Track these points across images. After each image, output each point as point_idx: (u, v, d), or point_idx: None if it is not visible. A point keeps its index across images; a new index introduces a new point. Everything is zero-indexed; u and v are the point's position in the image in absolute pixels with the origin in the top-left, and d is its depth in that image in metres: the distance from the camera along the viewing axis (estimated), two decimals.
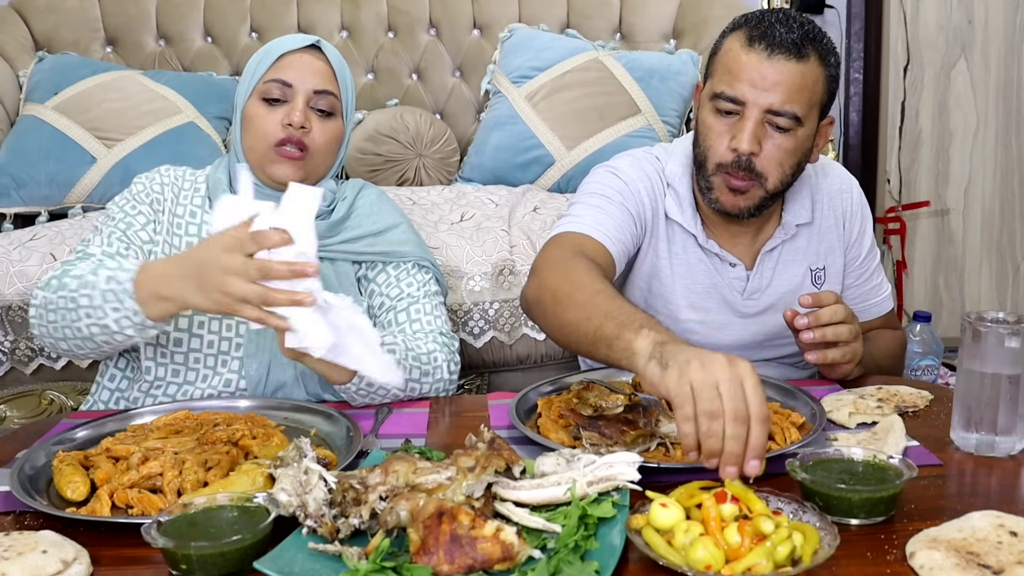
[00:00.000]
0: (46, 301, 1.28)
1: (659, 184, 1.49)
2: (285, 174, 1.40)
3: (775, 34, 1.31)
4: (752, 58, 1.32)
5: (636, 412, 1.13)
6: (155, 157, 2.26)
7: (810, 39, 1.32)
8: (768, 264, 1.49)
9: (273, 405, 1.29)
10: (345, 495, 0.90)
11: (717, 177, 1.38)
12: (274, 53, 1.43)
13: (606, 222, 1.41)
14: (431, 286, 1.49)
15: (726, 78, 1.34)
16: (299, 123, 1.39)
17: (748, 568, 0.79)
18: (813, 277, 1.52)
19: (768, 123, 1.33)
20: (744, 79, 1.32)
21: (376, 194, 1.56)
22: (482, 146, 2.48)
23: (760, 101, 1.32)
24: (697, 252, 1.48)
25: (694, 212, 1.48)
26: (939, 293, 3.38)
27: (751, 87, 1.32)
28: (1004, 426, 1.09)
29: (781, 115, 1.32)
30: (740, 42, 1.34)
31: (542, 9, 2.74)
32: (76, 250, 1.39)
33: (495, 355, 1.98)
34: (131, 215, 1.43)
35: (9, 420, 1.94)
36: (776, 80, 1.31)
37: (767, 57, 1.31)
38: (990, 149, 3.31)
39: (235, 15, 2.74)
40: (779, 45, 1.31)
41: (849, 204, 1.55)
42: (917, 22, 3.21)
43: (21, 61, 2.60)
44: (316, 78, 1.42)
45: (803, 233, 1.51)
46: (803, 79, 1.32)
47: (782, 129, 1.33)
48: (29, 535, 0.89)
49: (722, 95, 1.34)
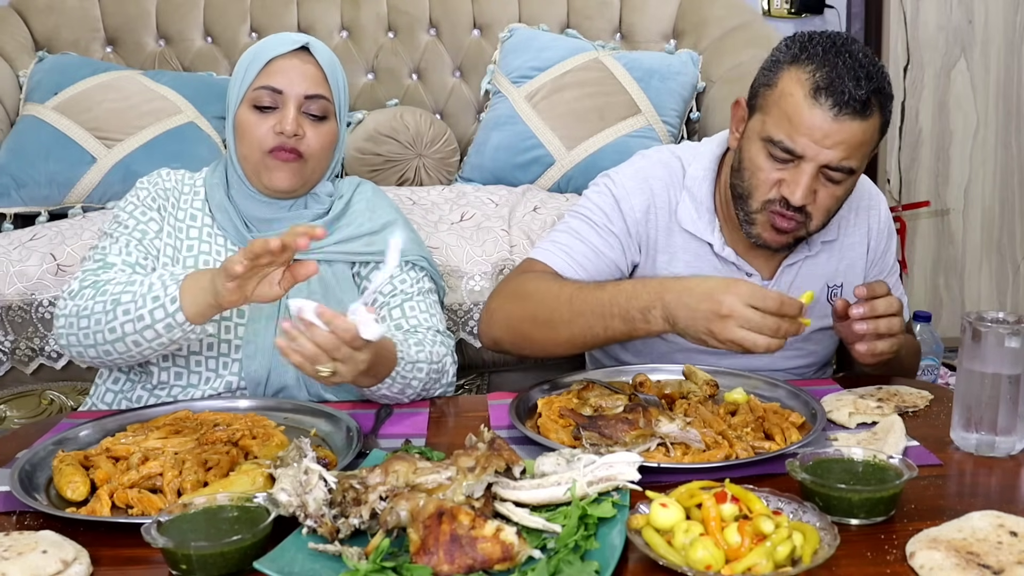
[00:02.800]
0: (78, 309, 1.27)
1: (672, 190, 1.46)
2: (281, 181, 1.39)
3: (845, 91, 1.24)
4: (816, 114, 1.25)
5: (636, 412, 1.13)
6: (155, 157, 2.26)
7: (876, 89, 1.26)
8: (786, 278, 1.47)
9: (273, 405, 1.29)
10: (345, 495, 0.90)
11: (762, 215, 1.34)
12: (262, 58, 1.39)
13: (576, 247, 1.42)
14: (425, 283, 1.47)
15: (785, 126, 1.28)
16: (291, 131, 1.37)
17: (748, 568, 0.79)
18: (830, 294, 1.49)
19: (822, 174, 1.29)
20: (805, 133, 1.26)
21: (372, 190, 1.55)
22: (482, 146, 2.47)
23: (820, 158, 1.27)
24: (712, 260, 1.45)
25: (711, 218, 1.45)
26: (939, 293, 3.38)
27: (812, 143, 1.26)
28: (1004, 426, 1.09)
29: (838, 170, 1.28)
30: (804, 90, 1.26)
31: (542, 9, 2.74)
32: (94, 258, 1.37)
33: (495, 355, 1.98)
34: (143, 222, 1.42)
35: (9, 420, 1.94)
36: (840, 140, 1.25)
37: (834, 117, 1.24)
38: (990, 149, 3.31)
39: (235, 15, 2.74)
40: (847, 104, 1.24)
41: (877, 222, 1.52)
42: (917, 22, 3.21)
43: (21, 61, 2.59)
44: (306, 83, 1.39)
45: (826, 250, 1.48)
46: (865, 135, 1.27)
47: (835, 181, 1.30)
48: (29, 535, 0.89)
49: (780, 144, 1.28)
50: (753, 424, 1.16)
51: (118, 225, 1.42)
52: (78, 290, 1.30)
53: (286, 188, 1.40)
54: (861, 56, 1.27)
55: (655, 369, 1.37)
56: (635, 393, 1.27)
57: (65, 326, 1.30)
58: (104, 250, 1.38)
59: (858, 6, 3.17)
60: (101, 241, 1.41)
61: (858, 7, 3.17)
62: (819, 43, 1.29)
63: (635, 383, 1.31)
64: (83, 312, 1.27)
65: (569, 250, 1.43)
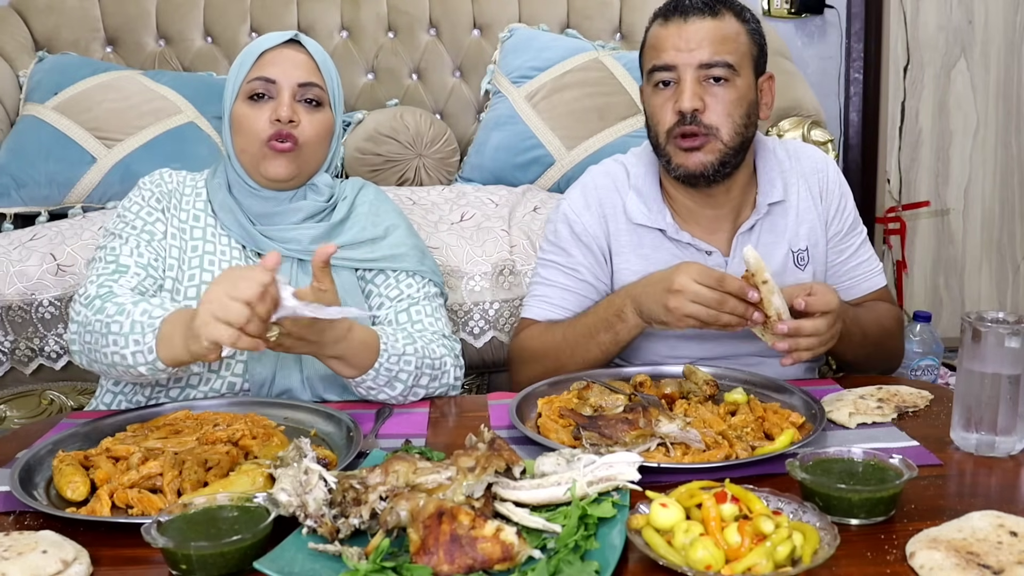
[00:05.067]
0: (87, 320, 1.28)
1: (619, 193, 1.53)
2: (278, 169, 1.39)
3: (686, 1, 1.41)
4: (671, 28, 1.41)
5: (636, 412, 1.13)
6: (155, 157, 2.26)
7: (721, 1, 1.42)
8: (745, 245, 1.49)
9: (273, 405, 1.29)
10: (345, 495, 0.90)
11: (670, 145, 1.43)
12: (254, 53, 1.42)
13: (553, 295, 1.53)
14: (430, 288, 1.48)
15: (654, 53, 1.43)
16: (287, 117, 1.38)
17: (748, 568, 0.79)
18: (796, 258, 1.52)
19: (705, 79, 1.40)
20: (669, 46, 1.40)
21: (375, 193, 1.55)
22: (482, 146, 2.47)
23: (690, 60, 1.39)
24: (669, 247, 1.50)
25: (661, 207, 1.50)
26: (939, 293, 3.37)
27: (677, 51, 1.40)
28: (1004, 426, 1.09)
29: (714, 66, 1.39)
30: (658, 22, 1.45)
31: (542, 9, 2.74)
32: (105, 259, 1.37)
33: (495, 355, 1.98)
34: (150, 223, 1.42)
35: (9, 420, 1.94)
36: (699, 37, 1.39)
37: (684, 22, 1.40)
38: (990, 149, 3.31)
39: (235, 15, 2.74)
40: (691, 9, 1.41)
41: (825, 182, 1.56)
42: (917, 22, 3.21)
43: (21, 61, 2.60)
44: (299, 71, 1.41)
45: (778, 212, 1.52)
46: (724, 32, 1.40)
47: (720, 79, 1.40)
48: (29, 535, 0.89)
49: (654, 68, 1.42)
50: (753, 424, 1.16)
51: (125, 225, 1.41)
52: (93, 296, 1.30)
53: (283, 177, 1.40)
54: None
55: (655, 369, 1.37)
56: (635, 393, 1.27)
57: (77, 332, 1.30)
58: (115, 251, 1.38)
59: (858, 6, 3.16)
60: (109, 241, 1.40)
61: (858, 7, 3.17)
62: None
63: (635, 383, 1.31)
64: (88, 326, 1.27)
65: (548, 300, 1.54)
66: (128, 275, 1.34)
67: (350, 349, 1.23)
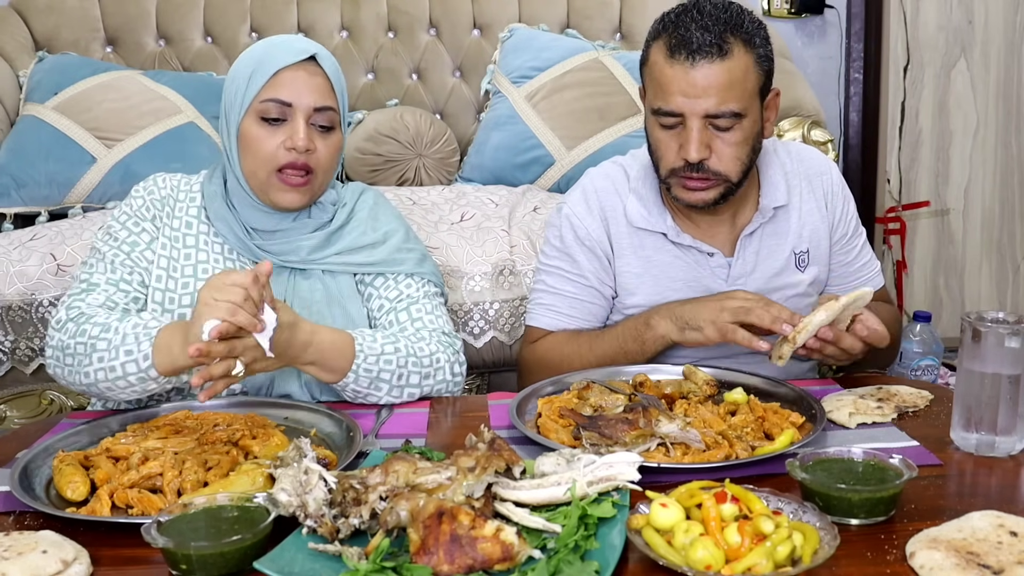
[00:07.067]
0: (62, 344, 1.27)
1: (619, 196, 1.52)
2: (292, 203, 1.38)
3: (692, 39, 1.31)
4: (677, 70, 1.33)
5: (636, 412, 1.13)
6: (155, 157, 2.26)
7: (730, 29, 1.33)
8: (750, 249, 1.50)
9: (273, 405, 1.29)
10: (345, 495, 0.90)
11: (673, 179, 1.41)
12: (269, 68, 1.35)
13: (559, 304, 1.53)
14: (429, 287, 1.48)
15: (660, 94, 1.36)
16: (303, 147, 1.34)
17: (748, 568, 0.79)
18: (797, 260, 1.52)
19: (711, 125, 1.35)
20: (675, 91, 1.33)
21: (374, 198, 1.55)
22: (482, 146, 2.47)
23: (696, 109, 1.33)
24: (671, 249, 1.50)
25: (662, 210, 1.49)
26: (939, 293, 3.37)
27: (684, 98, 1.33)
28: (1004, 426, 1.09)
29: (720, 116, 1.34)
30: (663, 54, 1.35)
31: (542, 9, 2.74)
32: (80, 278, 1.37)
33: (495, 355, 1.98)
34: (135, 233, 1.41)
35: (9, 420, 1.94)
36: (705, 85, 1.32)
37: (691, 66, 1.32)
38: (990, 149, 3.31)
39: (235, 15, 2.74)
40: (699, 50, 1.31)
41: (829, 185, 1.55)
42: (917, 22, 3.21)
43: (21, 61, 2.60)
44: (315, 95, 1.36)
45: (781, 216, 1.51)
46: (731, 75, 1.32)
47: (726, 128, 1.35)
48: (29, 535, 0.89)
49: (660, 111, 1.36)
50: (753, 424, 1.16)
51: (109, 238, 1.41)
52: (64, 320, 1.29)
53: (297, 207, 1.40)
54: (709, 7, 1.35)
55: (655, 369, 1.37)
56: (635, 393, 1.27)
57: (52, 358, 1.30)
58: (91, 268, 1.37)
59: (858, 6, 3.16)
60: (90, 257, 1.40)
61: (858, 7, 3.17)
62: (674, 10, 1.38)
63: (635, 383, 1.31)
64: (66, 349, 1.27)
65: (556, 309, 1.54)
66: (96, 292, 1.34)
67: (321, 353, 1.25)
